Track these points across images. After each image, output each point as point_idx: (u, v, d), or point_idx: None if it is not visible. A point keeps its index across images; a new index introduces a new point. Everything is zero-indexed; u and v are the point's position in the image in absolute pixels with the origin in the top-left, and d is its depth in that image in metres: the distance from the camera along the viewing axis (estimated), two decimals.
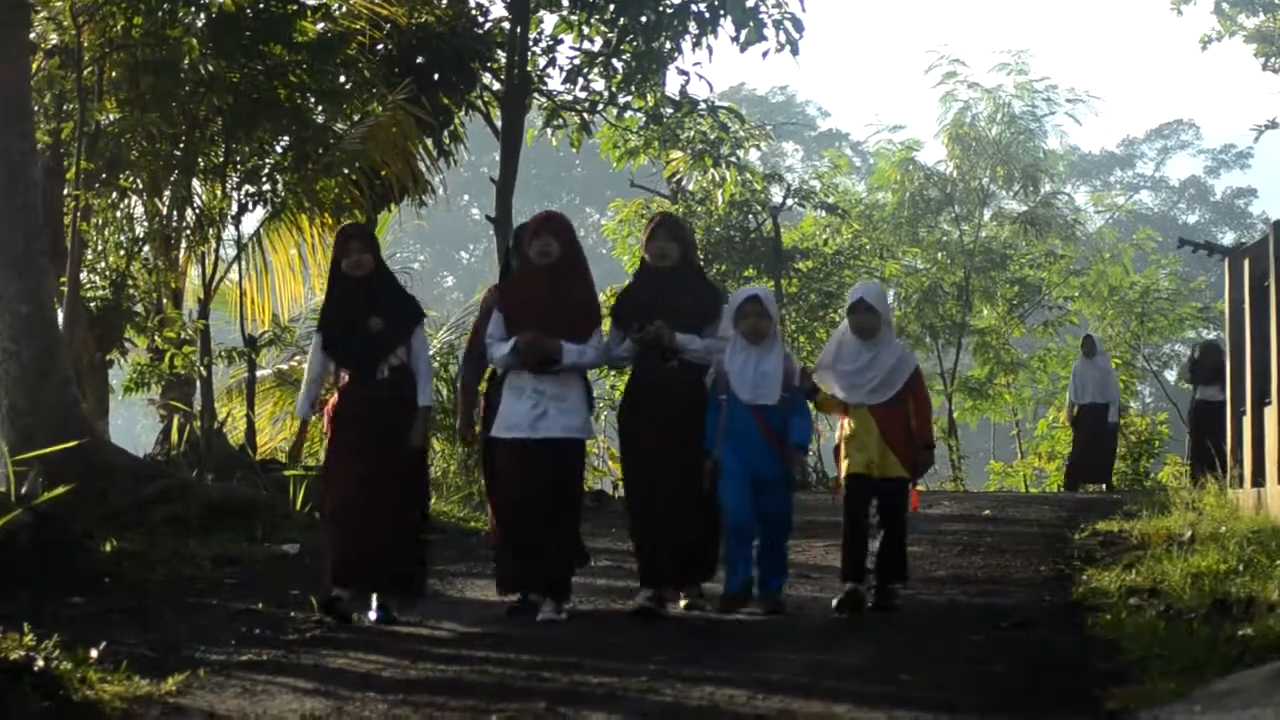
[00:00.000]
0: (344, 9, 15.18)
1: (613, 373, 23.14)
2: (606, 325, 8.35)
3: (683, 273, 8.34)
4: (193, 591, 8.92)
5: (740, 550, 8.07)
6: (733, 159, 22.00)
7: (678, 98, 19.55)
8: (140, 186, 14.53)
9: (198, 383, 14.29)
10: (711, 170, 21.75)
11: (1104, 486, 19.25)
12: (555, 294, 8.04)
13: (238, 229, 14.40)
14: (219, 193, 13.99)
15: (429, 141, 15.67)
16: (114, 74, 13.80)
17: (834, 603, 8.02)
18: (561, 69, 18.86)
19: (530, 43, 18.32)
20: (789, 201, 25.04)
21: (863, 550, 8.14)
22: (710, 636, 7.34)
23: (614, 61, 18.53)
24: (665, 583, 8.13)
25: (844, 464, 8.28)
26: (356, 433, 8.04)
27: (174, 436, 13.33)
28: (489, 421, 8.35)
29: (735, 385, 8.05)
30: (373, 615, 7.94)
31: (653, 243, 8.39)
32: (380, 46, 15.48)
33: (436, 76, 16.18)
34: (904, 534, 8.27)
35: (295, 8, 13.91)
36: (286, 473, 11.56)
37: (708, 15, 17.78)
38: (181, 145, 14.07)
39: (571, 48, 18.76)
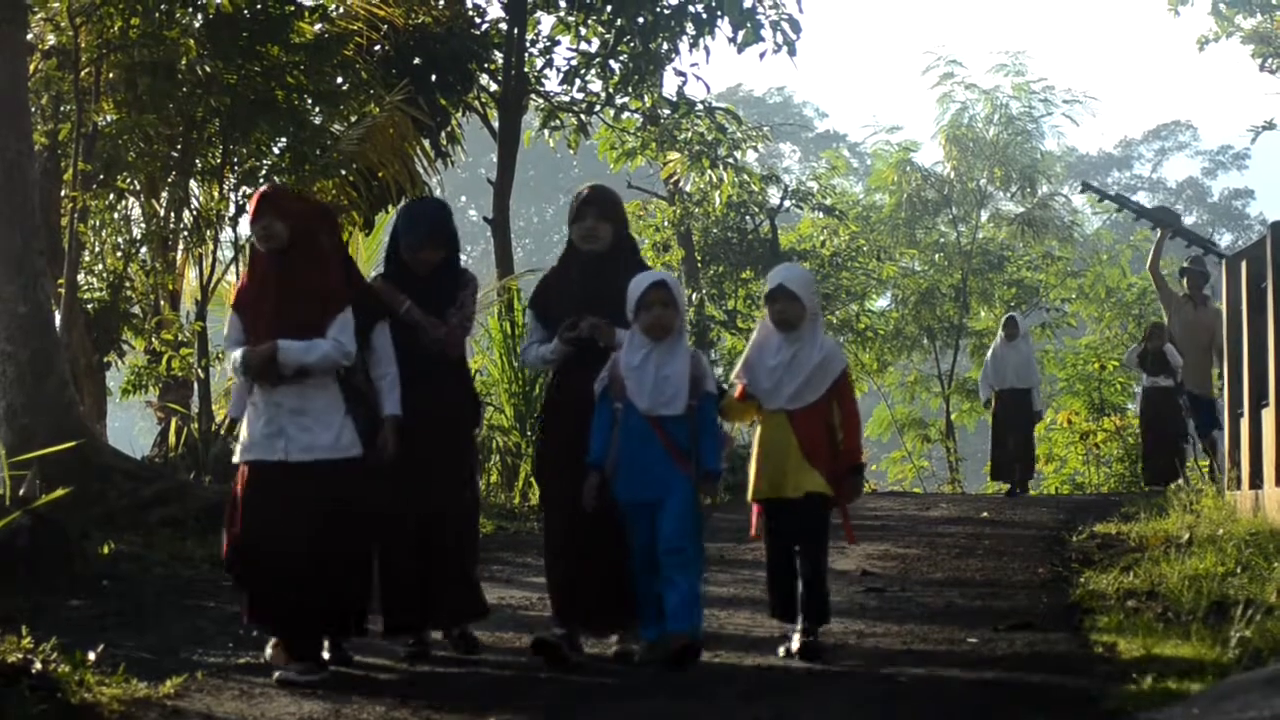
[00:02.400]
0: (341, 10, 15.18)
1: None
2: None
3: (617, 258, 7.02)
4: (190, 594, 8.91)
5: (649, 587, 6.70)
6: (730, 160, 22.03)
7: (675, 99, 19.58)
8: (138, 188, 14.52)
9: (195, 385, 14.28)
10: (709, 171, 21.78)
11: (1013, 488, 17.35)
12: (281, 282, 6.58)
13: (235, 230, 14.40)
14: (216, 194, 13.98)
15: (426, 143, 15.67)
16: (111, 75, 13.79)
17: (780, 651, 6.85)
18: (559, 70, 18.90)
19: (527, 44, 18.34)
20: (786, 203, 25.05)
21: (790, 585, 6.95)
22: (709, 640, 7.32)
23: (611, 63, 18.56)
24: (584, 623, 6.90)
25: (752, 482, 7.01)
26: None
27: (171, 439, 13.33)
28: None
29: (632, 391, 6.66)
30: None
31: (579, 223, 7.01)
32: (377, 48, 15.47)
33: (434, 78, 16.19)
34: (821, 564, 6.95)
35: (292, 9, 13.90)
36: None
37: (705, 16, 17.80)
38: (179, 146, 14.06)
39: (569, 49, 18.80)
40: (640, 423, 6.64)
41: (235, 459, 6.67)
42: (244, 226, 14.45)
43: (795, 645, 6.76)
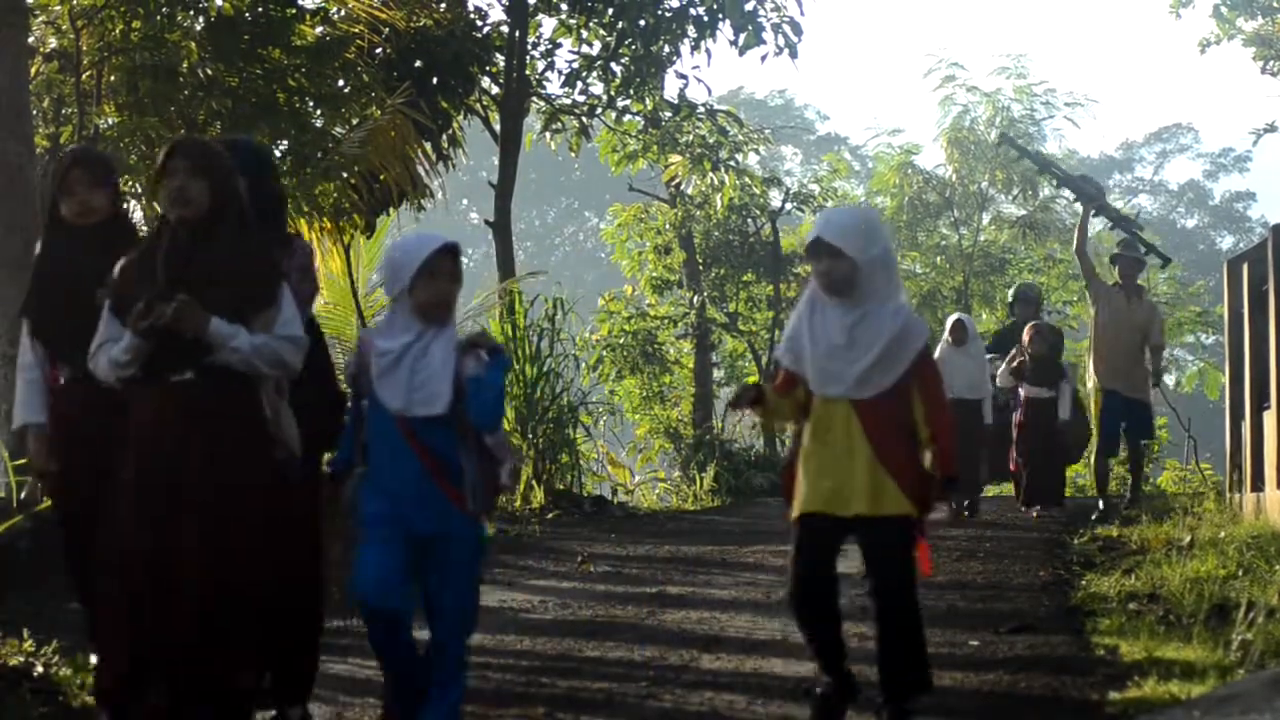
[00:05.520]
0: (342, 13, 15.18)
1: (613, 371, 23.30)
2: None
3: (218, 225, 5.17)
4: None
5: (393, 650, 5.21)
6: (731, 163, 22.03)
7: (676, 101, 19.59)
8: (139, 191, 14.52)
9: None
10: (710, 174, 21.78)
11: (964, 507, 13.87)
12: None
13: None
14: None
15: (428, 145, 15.66)
16: (112, 78, 13.79)
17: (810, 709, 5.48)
18: (560, 73, 18.91)
19: (529, 47, 18.35)
20: (788, 205, 25.04)
21: (835, 635, 5.44)
22: (710, 643, 7.33)
23: (613, 65, 18.57)
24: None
25: (799, 496, 5.36)
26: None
27: None
28: None
29: (382, 386, 5.12)
30: None
31: (168, 181, 5.17)
32: (379, 51, 15.47)
33: (435, 80, 16.18)
34: (914, 611, 5.39)
35: (294, 12, 13.91)
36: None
37: (706, 19, 17.82)
38: None
39: (570, 51, 18.81)
40: (390, 427, 5.11)
41: None
42: None
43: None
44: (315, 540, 5.63)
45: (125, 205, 5.63)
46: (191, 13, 13.74)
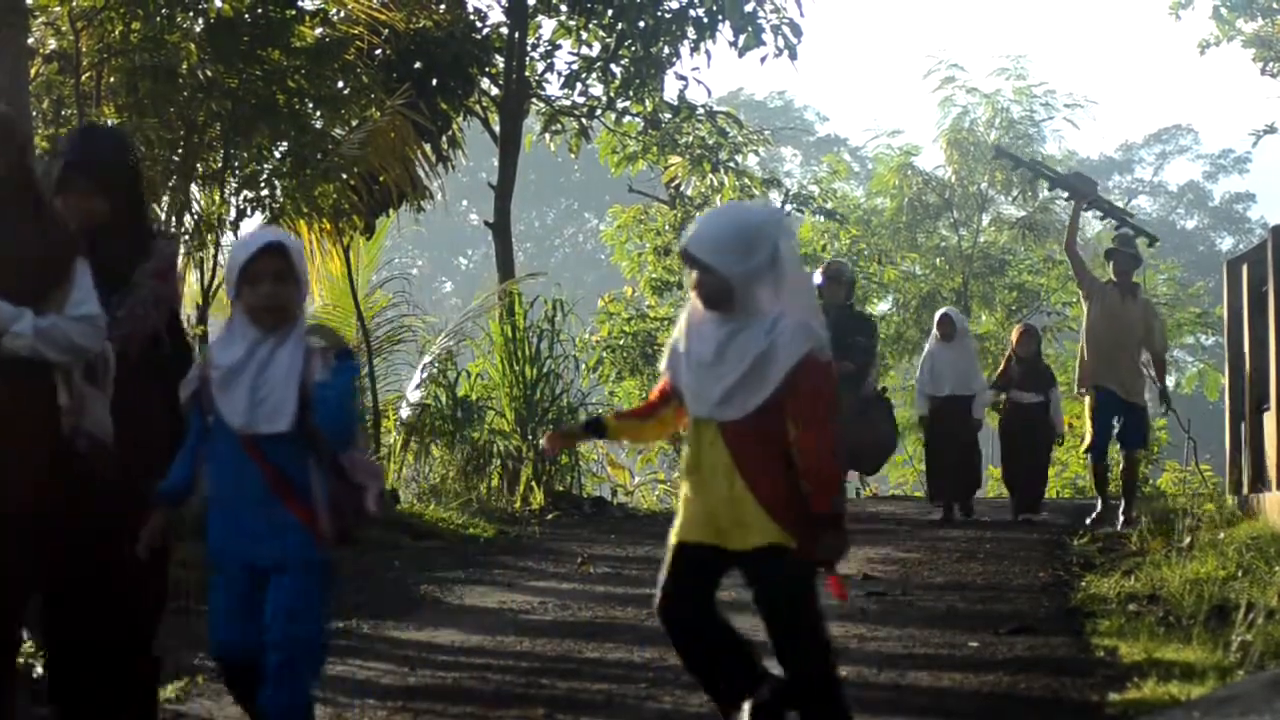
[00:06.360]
0: (342, 14, 15.18)
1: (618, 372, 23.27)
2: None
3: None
4: (191, 597, 8.91)
5: (239, 690, 4.78)
6: (731, 164, 22.04)
7: (676, 103, 19.60)
8: None
9: None
10: (710, 175, 21.78)
11: (948, 512, 13.79)
12: None
13: (236, 234, 14.39)
14: (217, 198, 13.98)
15: (427, 147, 15.67)
16: (112, 79, 13.78)
17: None
18: (560, 74, 18.93)
19: (529, 48, 18.36)
20: (787, 207, 25.05)
21: (715, 657, 4.92)
22: None
23: (612, 67, 18.58)
24: None
25: (677, 522, 4.84)
26: None
27: None
28: None
29: (223, 401, 4.64)
30: None
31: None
32: (378, 52, 15.48)
33: (435, 82, 16.19)
34: (812, 653, 4.80)
35: (293, 13, 13.90)
36: None
37: (706, 20, 17.83)
38: (180, 151, 14.05)
39: (570, 53, 18.83)
40: (233, 446, 4.64)
41: None
42: (246, 230, 14.49)
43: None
44: (144, 561, 4.80)
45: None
46: (191, 14, 13.74)
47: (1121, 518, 12.58)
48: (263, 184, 13.86)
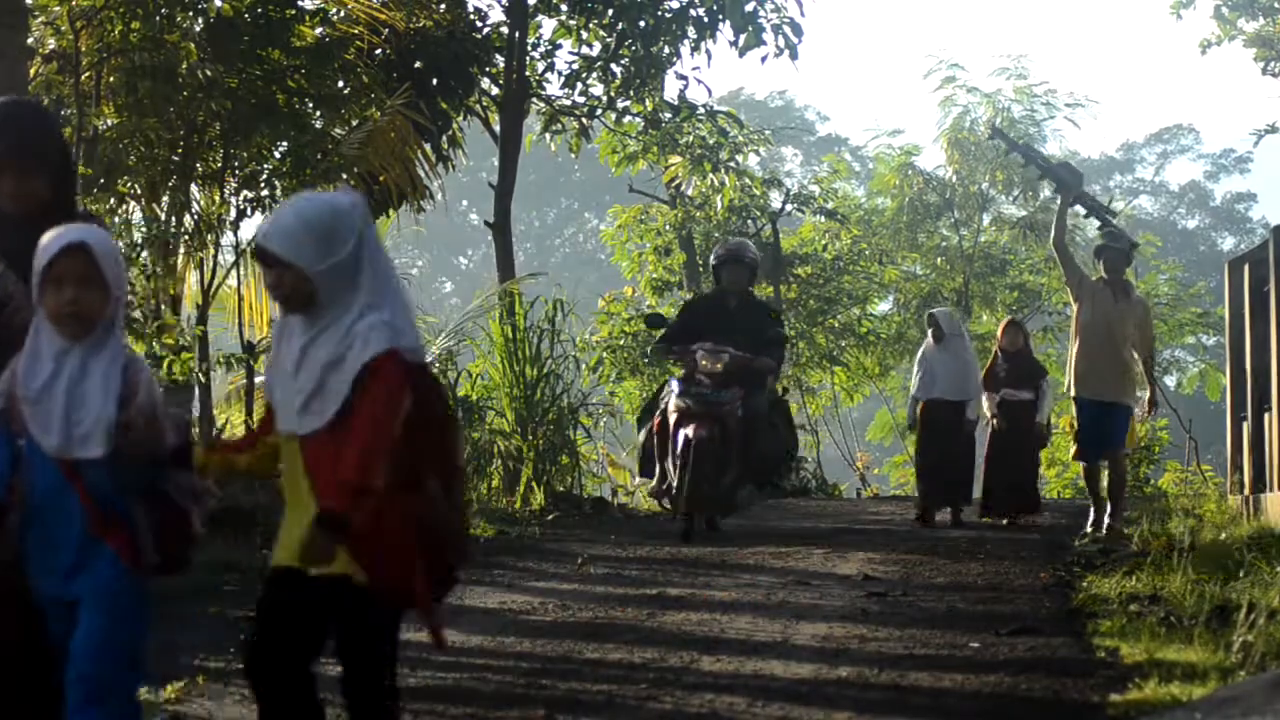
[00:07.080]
0: (342, 14, 15.18)
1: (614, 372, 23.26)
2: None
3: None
4: (191, 598, 8.90)
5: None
6: (731, 164, 22.06)
7: (676, 103, 19.60)
8: (138, 192, 14.52)
9: (196, 389, 14.27)
10: (710, 175, 21.81)
11: (950, 514, 13.72)
12: None
13: (236, 234, 14.39)
14: (217, 198, 13.98)
15: (427, 147, 15.67)
16: (112, 79, 13.79)
17: None
18: (560, 74, 18.93)
19: (529, 48, 18.36)
20: (788, 207, 25.07)
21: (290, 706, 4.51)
22: (710, 645, 7.32)
23: (613, 66, 18.58)
24: None
25: (275, 546, 4.35)
26: None
27: None
28: None
29: (35, 421, 4.17)
30: None
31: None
32: (379, 51, 15.48)
33: (435, 81, 16.19)
34: (376, 686, 4.52)
35: (293, 13, 13.91)
36: None
37: (706, 20, 17.84)
38: (180, 150, 14.06)
39: (570, 53, 18.84)
40: (50, 471, 4.17)
41: None
42: (246, 230, 14.50)
43: None
44: None
45: None
46: (191, 14, 13.75)
47: (1107, 520, 12.18)
48: (263, 184, 13.87)
